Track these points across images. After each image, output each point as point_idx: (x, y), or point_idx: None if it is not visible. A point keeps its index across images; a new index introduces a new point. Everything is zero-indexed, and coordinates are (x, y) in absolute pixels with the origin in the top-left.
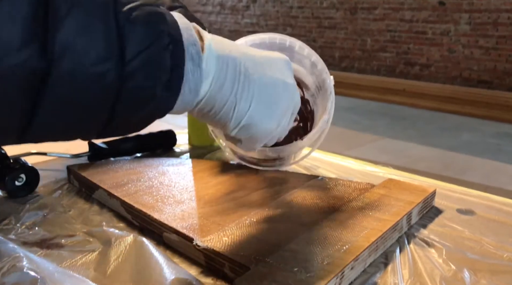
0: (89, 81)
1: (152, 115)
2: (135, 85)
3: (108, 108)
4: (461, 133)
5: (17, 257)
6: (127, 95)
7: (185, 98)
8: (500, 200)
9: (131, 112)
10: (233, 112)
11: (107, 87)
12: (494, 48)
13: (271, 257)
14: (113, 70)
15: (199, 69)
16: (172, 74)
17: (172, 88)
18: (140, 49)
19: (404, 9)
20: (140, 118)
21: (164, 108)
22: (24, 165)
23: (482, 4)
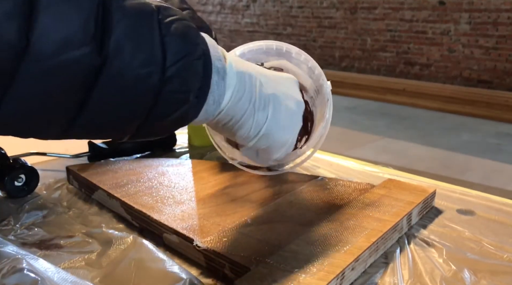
0: (135, 81)
1: (179, 121)
2: (172, 89)
3: (147, 109)
4: (461, 133)
5: (17, 259)
6: (164, 98)
7: (209, 108)
8: (500, 201)
9: (164, 115)
10: (252, 122)
11: (149, 89)
12: (494, 47)
13: (271, 258)
14: (156, 74)
15: (223, 83)
16: (202, 82)
17: (201, 96)
18: (178, 57)
19: (404, 8)
20: (169, 122)
21: (191, 115)
22: (24, 165)
23: (482, 3)
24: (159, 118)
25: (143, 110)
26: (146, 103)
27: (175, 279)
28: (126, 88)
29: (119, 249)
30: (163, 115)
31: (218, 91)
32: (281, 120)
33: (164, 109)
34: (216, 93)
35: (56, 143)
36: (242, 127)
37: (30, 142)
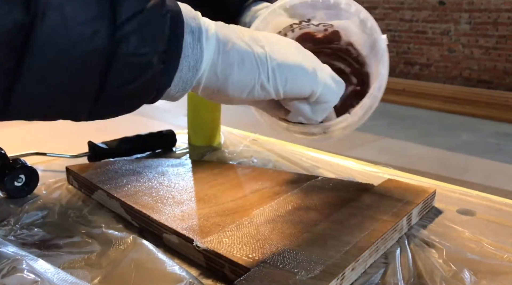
0: (77, 41)
1: (147, 91)
2: (129, 50)
3: (98, 75)
4: (461, 133)
5: (17, 259)
6: (120, 61)
7: (184, 75)
8: (500, 201)
9: (124, 82)
10: (253, 62)
11: (97, 50)
12: (494, 47)
13: (271, 258)
14: (104, 31)
15: (199, 45)
16: (170, 45)
17: (169, 61)
18: (134, 11)
19: (404, 8)
20: (134, 91)
21: (161, 84)
22: (24, 166)
23: (482, 3)
24: (117, 87)
25: (94, 77)
26: (95, 67)
27: (175, 279)
28: (67, 50)
29: (119, 249)
30: (122, 83)
31: (194, 55)
32: (283, 49)
33: (121, 75)
34: (192, 57)
35: (56, 143)
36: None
37: (30, 142)
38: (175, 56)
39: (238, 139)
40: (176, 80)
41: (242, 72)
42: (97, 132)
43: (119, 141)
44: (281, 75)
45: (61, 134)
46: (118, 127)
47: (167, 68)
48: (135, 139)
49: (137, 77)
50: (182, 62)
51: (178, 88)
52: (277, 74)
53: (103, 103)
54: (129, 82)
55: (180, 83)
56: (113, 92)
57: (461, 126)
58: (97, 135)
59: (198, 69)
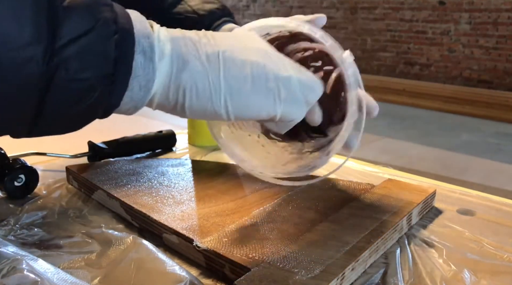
0: (12, 67)
1: (93, 112)
2: (68, 76)
3: (35, 100)
4: (461, 133)
5: (17, 259)
6: (59, 85)
7: (135, 95)
8: (500, 201)
9: (65, 106)
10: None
11: (31, 76)
12: (494, 47)
13: (271, 258)
14: (39, 56)
15: (151, 65)
16: (117, 67)
17: (117, 82)
18: (74, 35)
19: (404, 8)
20: (78, 113)
21: (107, 105)
22: (23, 166)
23: (482, 3)
24: (59, 110)
25: (30, 102)
26: (30, 93)
27: (175, 279)
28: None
29: (119, 249)
30: (62, 107)
31: (145, 75)
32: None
33: (61, 100)
34: (142, 77)
35: (56, 143)
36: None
37: (30, 142)
38: (124, 77)
39: None
40: (127, 99)
41: (194, 98)
42: (97, 132)
43: (119, 141)
44: (234, 103)
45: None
46: (118, 127)
47: (115, 89)
48: (135, 139)
49: (79, 101)
50: (132, 82)
51: (129, 106)
52: (229, 103)
53: (42, 125)
54: (70, 106)
55: (131, 102)
56: (53, 115)
57: (461, 126)
58: (97, 135)
59: (149, 88)
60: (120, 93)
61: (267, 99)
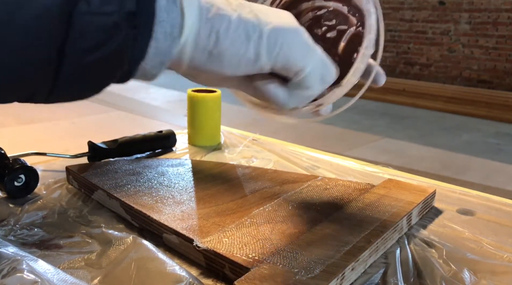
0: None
1: (117, 62)
2: (90, 9)
3: (54, 41)
4: (461, 133)
5: (17, 260)
6: (80, 22)
7: (160, 44)
8: (500, 201)
9: (87, 49)
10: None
11: (49, 9)
12: (494, 47)
13: (271, 258)
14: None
15: (175, 8)
16: (141, 5)
17: (141, 25)
18: None
19: (404, 8)
20: (100, 62)
21: (133, 54)
22: (24, 166)
23: (482, 3)
24: (79, 56)
25: (49, 45)
26: (49, 33)
27: (175, 279)
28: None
29: (119, 249)
30: (84, 50)
31: (170, 19)
32: (278, 19)
33: (83, 40)
34: (167, 22)
35: (56, 143)
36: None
37: (30, 142)
38: (148, 19)
39: (238, 139)
40: (152, 51)
41: (233, 41)
42: (97, 132)
43: (119, 141)
44: (276, 40)
45: (61, 134)
46: (118, 127)
47: (140, 34)
48: (135, 139)
49: (103, 43)
50: (157, 28)
51: (154, 61)
52: (272, 39)
53: (64, 78)
54: (94, 49)
55: (157, 55)
56: (75, 62)
57: (461, 126)
58: (97, 135)
59: (175, 37)
60: (145, 39)
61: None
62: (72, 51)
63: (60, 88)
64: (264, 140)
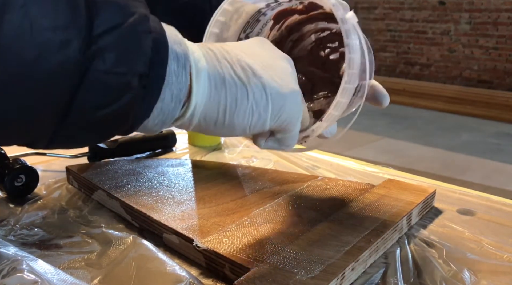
0: (43, 51)
1: (122, 119)
2: (105, 67)
3: (66, 94)
4: (461, 133)
5: (17, 260)
6: (94, 79)
7: (166, 106)
8: (500, 201)
9: (97, 106)
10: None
11: (66, 63)
12: (494, 47)
13: (271, 258)
14: (76, 41)
15: (184, 73)
16: (153, 68)
17: (151, 86)
18: (113, 24)
19: (404, 8)
20: (106, 118)
21: (139, 112)
22: (24, 166)
23: (482, 3)
24: (88, 111)
25: (60, 97)
26: (62, 85)
27: (175, 279)
28: (29, 63)
29: (119, 249)
30: (94, 106)
31: (178, 83)
32: (282, 82)
33: (94, 97)
34: (175, 86)
35: None
36: (243, 114)
37: None
38: (158, 81)
39: (238, 139)
40: (156, 111)
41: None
42: None
43: (119, 141)
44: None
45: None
46: None
47: (148, 94)
48: (135, 139)
49: (112, 101)
50: (165, 90)
51: (157, 120)
52: (276, 106)
53: (67, 130)
54: (103, 106)
55: (161, 114)
56: (82, 117)
57: (461, 126)
58: None
59: (181, 99)
60: (153, 100)
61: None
62: (79, 107)
63: (62, 139)
64: None
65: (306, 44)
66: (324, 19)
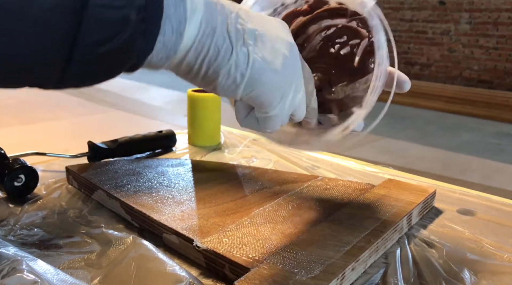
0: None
1: (126, 54)
2: (102, 2)
3: (67, 33)
4: (461, 133)
5: (17, 260)
6: (92, 15)
7: (167, 40)
8: (500, 201)
9: (98, 41)
10: (230, 63)
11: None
12: (494, 47)
13: (271, 258)
14: None
15: (182, 4)
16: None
17: (150, 19)
18: None
19: (404, 8)
20: (110, 53)
21: (142, 46)
22: (23, 166)
23: (482, 3)
24: (90, 47)
25: (62, 36)
26: (63, 24)
27: (175, 279)
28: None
29: (118, 249)
30: (95, 42)
31: (177, 15)
32: (269, 60)
33: (95, 33)
34: (174, 18)
35: (56, 143)
36: (219, 71)
37: (30, 142)
38: (156, 14)
39: (238, 139)
40: (159, 45)
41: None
42: (97, 132)
43: (119, 141)
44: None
45: (61, 134)
46: (118, 127)
47: (148, 28)
48: (135, 139)
49: (114, 35)
50: (165, 23)
51: (160, 55)
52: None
53: (74, 68)
54: (104, 41)
55: (163, 49)
56: (86, 54)
57: (461, 126)
58: (97, 135)
59: (181, 32)
60: (154, 33)
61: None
62: (83, 43)
63: (70, 77)
64: (264, 140)
65: (314, 44)
66: (328, 16)
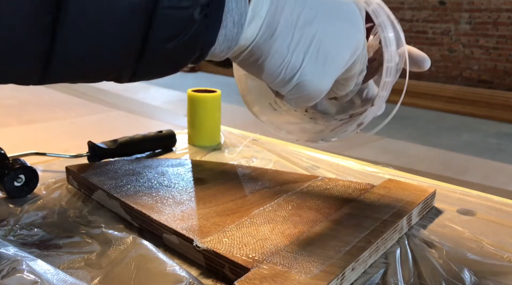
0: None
1: (191, 49)
2: (169, 4)
3: (139, 32)
4: (461, 133)
5: (17, 260)
6: (160, 15)
7: (228, 32)
8: (500, 201)
9: (166, 39)
10: (282, 68)
11: (137, 4)
12: (494, 47)
13: (271, 258)
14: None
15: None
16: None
17: (212, 14)
18: None
19: (404, 8)
20: (177, 49)
21: (205, 41)
22: (23, 166)
23: (482, 3)
24: (159, 44)
25: (135, 35)
26: (135, 24)
27: (175, 279)
28: (106, 7)
29: (118, 249)
30: (163, 40)
31: (238, 9)
32: (319, 66)
33: (163, 31)
34: (236, 11)
35: (56, 143)
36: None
37: (30, 142)
38: (218, 9)
39: (238, 139)
40: (221, 37)
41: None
42: (97, 132)
43: (119, 141)
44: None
45: (61, 134)
46: (118, 127)
47: (211, 23)
48: (135, 139)
49: (180, 33)
50: (226, 17)
51: (223, 46)
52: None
53: (145, 63)
54: (171, 39)
55: (225, 41)
56: (155, 50)
57: (461, 126)
58: (97, 135)
59: (242, 24)
60: (216, 28)
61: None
62: (154, 40)
63: (143, 71)
64: (264, 140)
65: None
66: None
